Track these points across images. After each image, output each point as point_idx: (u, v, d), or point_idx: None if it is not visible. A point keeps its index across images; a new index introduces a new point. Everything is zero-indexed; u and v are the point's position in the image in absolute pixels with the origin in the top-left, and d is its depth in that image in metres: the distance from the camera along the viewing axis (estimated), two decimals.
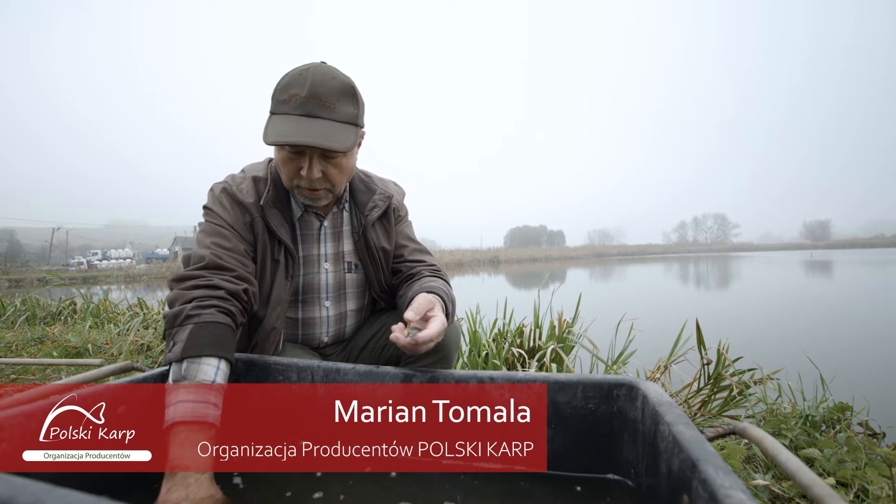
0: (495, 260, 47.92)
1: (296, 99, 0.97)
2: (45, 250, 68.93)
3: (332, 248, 1.21)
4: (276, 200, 1.11)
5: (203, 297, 0.92)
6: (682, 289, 12.31)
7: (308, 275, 1.18)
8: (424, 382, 0.88)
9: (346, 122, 1.01)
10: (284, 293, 1.12)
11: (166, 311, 0.93)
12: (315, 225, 1.18)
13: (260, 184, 1.12)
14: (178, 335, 0.87)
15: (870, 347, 4.42)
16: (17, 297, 5.47)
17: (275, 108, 1.01)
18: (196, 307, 0.90)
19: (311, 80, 0.98)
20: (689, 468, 0.53)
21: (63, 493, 0.40)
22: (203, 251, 1.01)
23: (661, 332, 2.74)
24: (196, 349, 0.85)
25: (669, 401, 0.69)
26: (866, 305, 7.64)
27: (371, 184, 1.25)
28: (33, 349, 3.22)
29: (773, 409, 1.74)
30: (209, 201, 1.10)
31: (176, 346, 0.86)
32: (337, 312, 1.23)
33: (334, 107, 0.99)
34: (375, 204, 1.21)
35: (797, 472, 0.53)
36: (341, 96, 1.00)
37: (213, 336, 0.88)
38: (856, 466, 1.20)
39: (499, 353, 2.47)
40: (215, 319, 0.90)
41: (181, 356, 0.84)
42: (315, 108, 0.98)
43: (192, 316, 0.89)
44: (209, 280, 0.96)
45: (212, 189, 1.12)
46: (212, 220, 1.07)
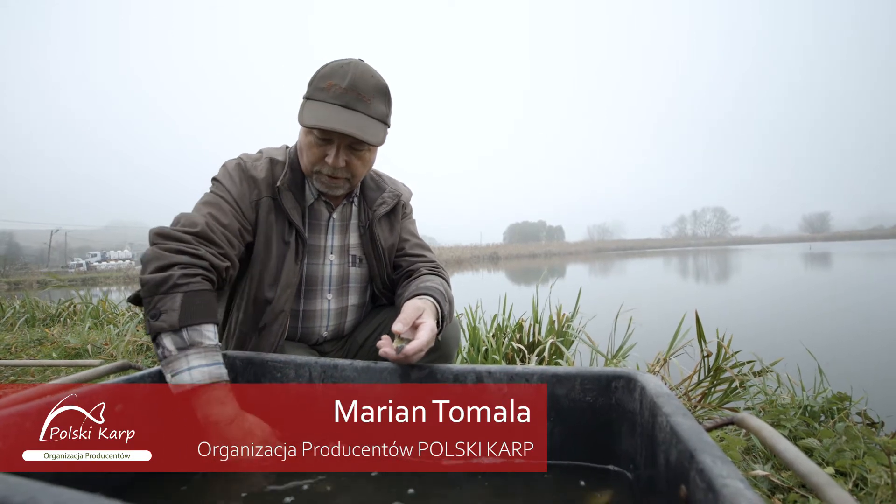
0: (495, 256, 47.97)
1: (335, 89, 1.00)
2: (44, 252, 68.83)
3: (338, 240, 1.21)
4: (291, 183, 1.12)
5: (188, 264, 0.92)
6: (682, 282, 12.33)
7: (312, 265, 1.18)
8: (422, 377, 0.88)
9: (378, 119, 1.04)
10: (294, 276, 1.12)
11: (145, 275, 0.90)
12: (325, 215, 1.18)
13: (277, 166, 1.12)
14: (166, 303, 0.87)
15: (868, 338, 4.44)
16: (16, 299, 5.46)
17: (312, 94, 1.03)
18: (183, 275, 0.90)
19: (351, 73, 1.01)
20: (686, 458, 0.53)
21: (57, 492, 0.40)
22: (197, 217, 1.01)
23: (661, 326, 2.74)
24: (193, 317, 0.87)
25: (668, 392, 0.69)
26: (865, 297, 7.65)
27: (381, 182, 1.27)
28: (33, 351, 3.22)
29: (772, 400, 1.75)
30: (220, 174, 1.11)
31: (167, 314, 0.86)
32: (338, 306, 1.22)
33: (370, 102, 1.02)
34: (384, 200, 1.22)
35: (795, 460, 0.53)
36: (377, 94, 1.04)
37: (204, 304, 0.90)
38: (855, 456, 1.21)
39: (498, 348, 2.48)
40: (203, 287, 0.91)
41: (178, 325, 0.86)
42: (352, 100, 1.00)
43: (180, 284, 0.89)
44: (195, 248, 0.95)
45: (225, 164, 1.12)
46: (216, 190, 1.08)
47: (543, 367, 0.84)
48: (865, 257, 20.70)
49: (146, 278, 0.90)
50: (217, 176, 1.11)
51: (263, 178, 1.09)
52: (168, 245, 0.93)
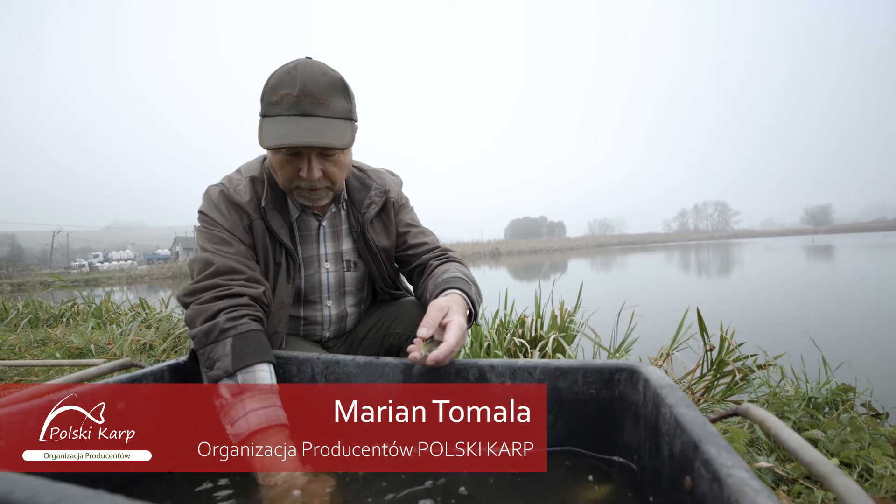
0: (496, 252, 47.93)
1: (288, 98, 0.94)
2: (47, 254, 69.03)
3: (332, 247, 1.19)
4: (274, 202, 1.09)
5: (230, 307, 0.91)
6: (684, 277, 12.31)
7: (310, 276, 1.17)
8: (424, 371, 0.88)
9: (341, 118, 0.99)
10: (286, 296, 1.11)
11: (194, 329, 0.90)
12: (314, 225, 1.16)
13: (257, 185, 1.08)
14: (217, 351, 0.86)
15: (872, 329, 4.42)
16: (19, 300, 5.48)
17: (266, 111, 0.98)
18: (228, 319, 0.89)
19: (301, 77, 0.94)
20: (691, 449, 0.53)
21: (59, 488, 0.40)
22: (210, 257, 0.98)
23: (664, 321, 2.74)
24: (246, 360, 0.86)
25: (671, 384, 0.69)
26: (868, 289, 7.63)
27: (367, 179, 1.22)
28: (36, 351, 3.24)
29: (775, 393, 1.74)
30: (205, 206, 1.07)
31: (220, 360, 0.85)
32: (338, 311, 1.22)
33: (328, 103, 0.96)
34: (372, 200, 1.19)
35: (800, 450, 0.52)
36: (333, 91, 0.97)
37: (256, 344, 0.88)
38: (859, 447, 1.20)
39: (500, 343, 2.47)
40: (251, 328, 0.90)
41: (233, 369, 0.84)
42: (309, 106, 0.94)
43: (227, 329, 0.88)
44: (229, 288, 0.94)
45: (207, 192, 1.09)
46: (210, 227, 1.04)
47: (546, 361, 0.84)
48: (868, 249, 20.63)
49: (195, 332, 0.90)
50: (203, 209, 1.07)
51: (248, 200, 1.05)
52: (202, 297, 0.93)
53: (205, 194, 1.09)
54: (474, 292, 1.04)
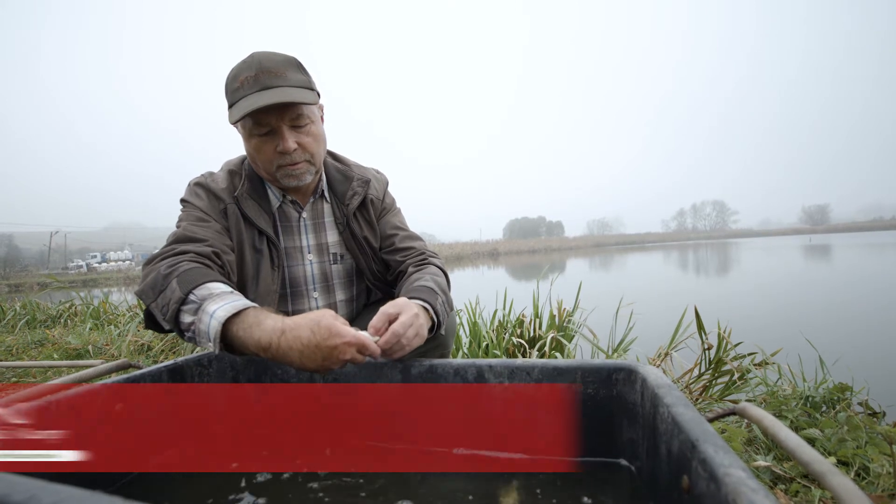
0: (494, 252, 47.96)
1: (248, 80, 1.00)
2: (44, 254, 68.84)
3: (313, 238, 1.21)
4: (251, 192, 1.13)
5: (174, 262, 0.91)
6: (682, 276, 12.33)
7: (292, 266, 1.18)
8: (423, 372, 0.88)
9: (300, 87, 1.04)
10: (273, 283, 1.13)
11: (140, 287, 0.91)
12: (294, 216, 1.19)
13: (235, 177, 1.14)
14: (165, 296, 0.85)
15: (869, 329, 4.44)
16: (16, 301, 5.46)
17: (231, 99, 1.04)
18: (168, 265, 0.89)
19: (257, 61, 1.01)
20: (688, 448, 0.53)
21: (57, 489, 0.40)
22: (175, 232, 1.02)
23: (662, 320, 2.74)
24: (194, 282, 0.84)
25: (669, 383, 0.69)
26: (865, 288, 7.65)
27: (348, 171, 1.24)
28: (34, 352, 3.23)
29: (773, 392, 1.75)
30: (186, 194, 1.13)
31: (172, 298, 0.83)
32: (326, 304, 1.23)
33: (285, 75, 1.02)
34: (354, 191, 1.21)
35: (797, 449, 0.53)
36: (289, 66, 1.04)
37: (201, 271, 0.88)
38: (856, 445, 1.21)
39: (499, 343, 2.48)
40: (195, 262, 0.91)
41: (183, 294, 0.82)
42: (268, 79, 1.00)
43: (169, 273, 0.87)
44: (175, 249, 0.95)
45: (189, 183, 1.15)
46: (187, 209, 1.09)
47: (544, 361, 0.84)
48: (865, 248, 20.70)
49: (141, 290, 0.90)
50: (184, 196, 1.13)
51: (224, 188, 1.11)
52: (154, 262, 0.94)
53: (187, 186, 1.15)
54: (440, 301, 1.01)
